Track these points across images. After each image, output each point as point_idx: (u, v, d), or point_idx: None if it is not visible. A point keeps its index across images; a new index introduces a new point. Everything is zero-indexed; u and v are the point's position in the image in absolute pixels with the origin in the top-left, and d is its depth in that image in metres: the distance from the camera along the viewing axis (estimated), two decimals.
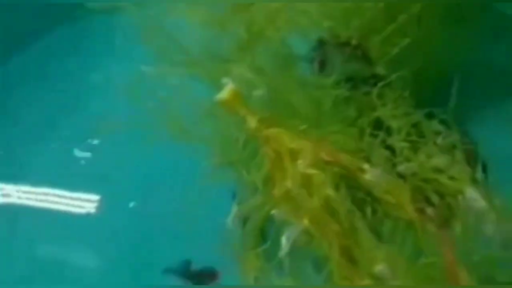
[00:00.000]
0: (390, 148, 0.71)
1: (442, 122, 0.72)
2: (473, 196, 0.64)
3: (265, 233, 0.70)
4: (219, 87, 0.68)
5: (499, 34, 0.91)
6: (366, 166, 0.66)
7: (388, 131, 0.71)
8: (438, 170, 0.67)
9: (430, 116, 0.72)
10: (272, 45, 0.78)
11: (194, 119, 0.72)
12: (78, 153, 0.94)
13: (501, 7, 0.84)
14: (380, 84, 0.74)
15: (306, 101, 0.74)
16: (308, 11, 0.76)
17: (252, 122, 0.67)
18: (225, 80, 0.68)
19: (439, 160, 0.67)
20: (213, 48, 0.77)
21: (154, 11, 0.77)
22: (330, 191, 0.62)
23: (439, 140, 0.69)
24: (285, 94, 0.73)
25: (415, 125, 0.71)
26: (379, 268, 0.60)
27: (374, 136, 0.71)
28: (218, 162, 0.73)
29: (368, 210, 0.66)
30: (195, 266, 0.81)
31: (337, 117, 0.74)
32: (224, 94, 0.67)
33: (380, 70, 0.77)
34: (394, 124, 0.71)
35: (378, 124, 0.73)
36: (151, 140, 0.72)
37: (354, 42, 0.81)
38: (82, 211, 0.90)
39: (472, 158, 0.70)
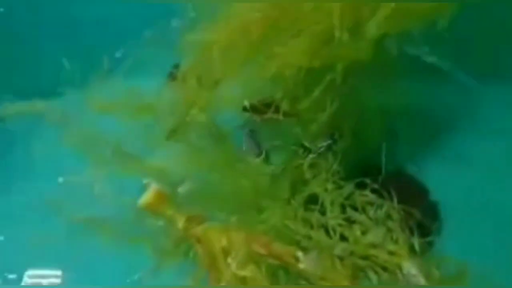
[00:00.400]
0: (325, 227, 0.68)
1: (374, 191, 0.68)
2: (411, 271, 0.62)
3: None
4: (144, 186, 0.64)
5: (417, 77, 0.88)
6: (300, 254, 0.63)
7: (323, 205, 0.68)
8: (375, 246, 0.65)
9: (361, 186, 0.69)
10: (201, 127, 0.74)
11: (124, 220, 0.68)
12: None
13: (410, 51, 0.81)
14: (310, 156, 0.70)
15: (237, 185, 0.70)
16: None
17: (179, 222, 0.64)
18: (147, 180, 0.64)
19: (375, 235, 0.65)
20: (135, 141, 0.72)
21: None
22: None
23: (372, 212, 0.66)
24: (214, 182, 0.69)
25: (347, 197, 0.68)
26: None
27: (310, 210, 0.68)
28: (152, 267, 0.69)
29: None
30: None
31: (270, 197, 0.71)
32: (147, 197, 0.64)
33: (309, 141, 0.73)
34: (327, 198, 0.67)
35: (312, 199, 0.70)
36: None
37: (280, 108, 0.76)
38: None
39: (409, 223, 0.67)
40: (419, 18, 0.79)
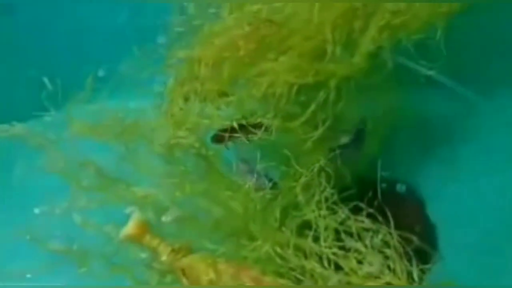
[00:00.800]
0: (319, 255, 0.64)
1: (370, 215, 0.65)
2: None
3: None
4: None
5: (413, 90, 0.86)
6: None
7: (316, 231, 0.64)
8: (372, 276, 0.61)
9: (356, 209, 0.65)
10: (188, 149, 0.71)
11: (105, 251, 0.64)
12: None
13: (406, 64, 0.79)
14: (302, 179, 0.66)
15: (226, 211, 0.66)
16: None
17: (164, 254, 0.60)
18: (130, 209, 0.60)
19: (371, 266, 0.61)
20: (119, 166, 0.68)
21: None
22: None
23: (368, 240, 0.62)
24: (202, 209, 0.65)
25: (342, 223, 0.64)
26: None
27: (303, 237, 0.64)
28: None
29: None
30: None
31: (261, 224, 0.67)
32: (129, 227, 0.60)
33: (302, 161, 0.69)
34: (320, 224, 0.63)
35: (305, 224, 0.66)
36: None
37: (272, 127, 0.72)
38: None
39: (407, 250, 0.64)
40: (414, 30, 0.77)
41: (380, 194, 0.73)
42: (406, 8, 0.75)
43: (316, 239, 0.65)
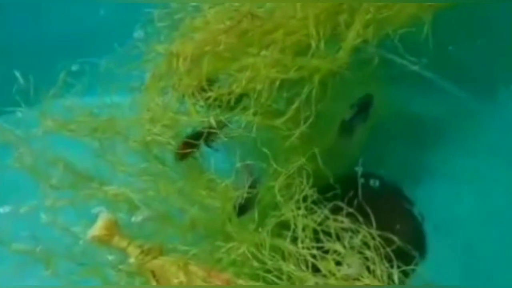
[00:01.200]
0: (297, 257, 0.61)
1: (349, 215, 0.63)
2: None
3: None
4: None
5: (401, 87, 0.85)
6: None
7: (294, 232, 0.61)
8: (350, 278, 0.58)
9: (336, 209, 0.63)
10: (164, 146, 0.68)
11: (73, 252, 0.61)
12: None
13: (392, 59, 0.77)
14: (280, 178, 0.63)
15: (202, 211, 0.64)
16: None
17: (133, 255, 0.57)
18: (98, 209, 0.58)
19: (350, 267, 0.58)
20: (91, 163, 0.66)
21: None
22: None
23: (347, 241, 0.60)
24: (175, 209, 0.62)
25: (321, 223, 0.62)
26: None
27: (281, 237, 0.61)
28: None
29: None
30: None
31: (238, 224, 0.64)
32: (96, 228, 0.58)
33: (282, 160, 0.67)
34: (299, 224, 0.61)
35: (283, 225, 0.63)
36: None
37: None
38: None
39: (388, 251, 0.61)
40: (400, 25, 0.75)
41: (364, 193, 0.70)
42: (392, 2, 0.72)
43: (294, 240, 0.61)
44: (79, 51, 0.74)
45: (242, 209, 0.65)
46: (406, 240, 0.66)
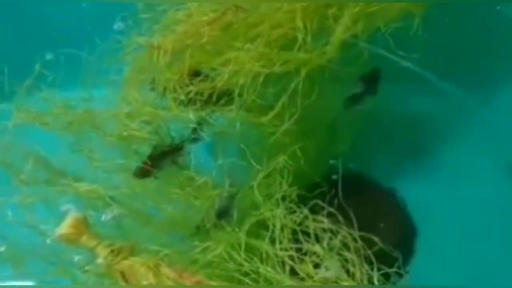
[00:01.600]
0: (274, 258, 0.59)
1: (330, 215, 0.62)
2: None
3: None
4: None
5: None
6: None
7: (273, 232, 0.59)
8: (329, 281, 0.56)
9: (315, 209, 0.62)
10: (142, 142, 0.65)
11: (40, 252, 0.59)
12: None
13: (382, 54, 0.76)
14: (260, 176, 0.61)
15: (176, 210, 0.61)
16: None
17: (102, 255, 0.55)
18: (65, 206, 0.55)
19: (328, 270, 0.56)
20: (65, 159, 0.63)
21: None
22: None
23: (326, 242, 0.57)
24: (148, 207, 0.60)
25: (300, 224, 0.59)
26: None
27: (259, 238, 0.59)
28: None
29: None
30: None
31: (216, 223, 0.62)
32: (64, 226, 0.55)
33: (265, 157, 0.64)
34: (277, 224, 0.58)
35: (262, 225, 0.61)
36: None
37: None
38: None
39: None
40: (391, 19, 0.72)
41: (350, 192, 0.69)
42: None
43: (273, 241, 0.58)
44: (58, 42, 0.72)
45: (222, 211, 0.62)
46: (389, 241, 0.62)
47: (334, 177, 0.72)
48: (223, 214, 0.63)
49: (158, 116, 0.68)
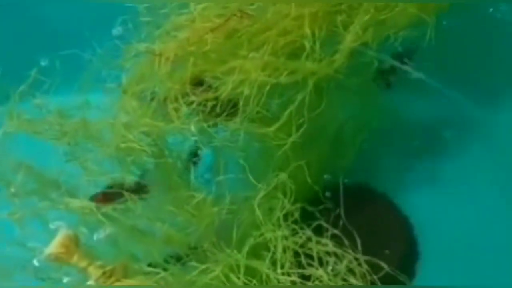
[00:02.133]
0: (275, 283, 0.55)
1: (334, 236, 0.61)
2: None
3: None
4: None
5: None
6: None
7: (274, 254, 0.56)
8: None
9: (319, 231, 0.60)
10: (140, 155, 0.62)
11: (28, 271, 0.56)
12: None
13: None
14: (260, 195, 0.58)
15: (175, 228, 0.58)
16: None
17: (93, 276, 0.51)
18: (56, 224, 0.52)
19: None
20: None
21: None
22: None
23: (330, 267, 0.54)
24: (145, 226, 0.56)
25: (302, 246, 0.56)
26: None
27: (260, 259, 0.56)
28: None
29: None
30: None
31: (215, 243, 0.59)
32: (54, 245, 0.52)
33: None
34: (278, 246, 0.55)
35: (262, 246, 0.57)
36: None
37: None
38: None
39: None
40: (402, 27, 0.70)
41: (355, 207, 0.68)
42: (394, 4, 0.68)
43: (274, 263, 0.55)
44: (53, 46, 0.70)
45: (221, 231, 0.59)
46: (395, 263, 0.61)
47: (327, 194, 0.69)
48: (222, 233, 0.60)
49: (157, 128, 0.63)
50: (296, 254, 0.59)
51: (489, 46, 0.83)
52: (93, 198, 0.60)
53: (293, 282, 0.56)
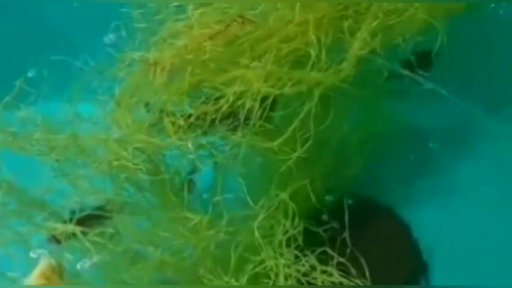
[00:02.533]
0: None
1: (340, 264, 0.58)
2: None
3: None
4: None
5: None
6: None
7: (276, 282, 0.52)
8: None
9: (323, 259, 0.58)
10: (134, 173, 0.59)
11: None
12: None
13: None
14: (260, 218, 0.56)
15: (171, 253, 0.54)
16: None
17: None
18: (37, 252, 0.48)
19: None
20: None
21: None
22: None
23: None
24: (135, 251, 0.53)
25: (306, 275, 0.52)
26: None
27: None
28: None
29: None
30: None
31: (212, 269, 0.55)
32: (36, 274, 0.47)
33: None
34: (280, 273, 0.53)
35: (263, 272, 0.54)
36: None
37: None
38: None
39: None
40: (412, 33, 0.67)
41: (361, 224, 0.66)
42: (403, 8, 0.65)
43: None
44: (43, 54, 0.66)
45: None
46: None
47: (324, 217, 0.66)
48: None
49: (152, 144, 0.59)
50: (299, 282, 0.54)
51: (498, 52, 0.81)
52: (81, 221, 0.56)
53: None
